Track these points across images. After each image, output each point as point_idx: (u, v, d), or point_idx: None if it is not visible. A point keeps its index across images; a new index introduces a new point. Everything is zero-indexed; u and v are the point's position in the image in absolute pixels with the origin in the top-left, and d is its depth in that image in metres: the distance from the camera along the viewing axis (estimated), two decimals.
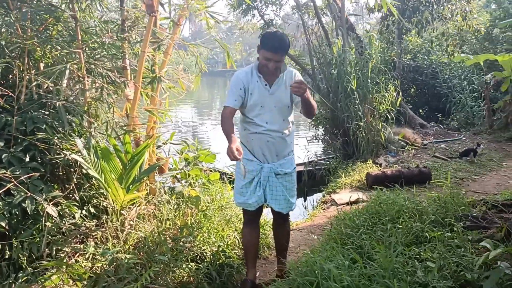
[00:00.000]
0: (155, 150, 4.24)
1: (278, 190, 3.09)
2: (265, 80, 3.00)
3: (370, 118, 7.45)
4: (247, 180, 3.06)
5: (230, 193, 4.48)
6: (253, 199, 3.06)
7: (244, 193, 3.08)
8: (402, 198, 3.81)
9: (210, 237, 3.47)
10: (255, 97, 2.98)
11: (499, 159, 7.84)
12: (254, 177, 3.06)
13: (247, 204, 3.10)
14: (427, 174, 6.25)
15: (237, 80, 2.99)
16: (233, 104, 2.93)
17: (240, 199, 3.12)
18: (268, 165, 3.07)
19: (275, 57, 2.87)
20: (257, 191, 3.06)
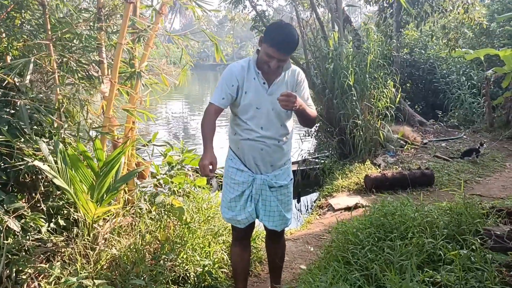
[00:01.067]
0: (134, 153, 3.81)
1: (272, 205, 2.66)
2: (264, 78, 2.54)
3: (368, 115, 7.06)
4: (236, 193, 2.64)
5: (217, 199, 4.07)
6: (243, 215, 2.64)
7: (233, 208, 2.66)
8: (410, 210, 3.41)
9: (194, 255, 3.05)
10: (250, 96, 2.53)
11: (502, 159, 7.51)
12: (245, 189, 2.63)
13: (236, 220, 2.67)
14: (430, 177, 5.89)
15: (230, 75, 2.52)
16: (219, 102, 2.49)
17: (228, 214, 2.69)
18: (261, 176, 2.63)
19: (279, 56, 2.38)
20: (248, 206, 2.64)
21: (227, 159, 2.72)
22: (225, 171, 2.71)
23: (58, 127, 3.50)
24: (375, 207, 3.74)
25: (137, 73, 3.49)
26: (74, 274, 2.75)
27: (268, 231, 2.85)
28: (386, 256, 2.86)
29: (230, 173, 2.66)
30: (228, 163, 2.69)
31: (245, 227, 2.70)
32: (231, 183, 2.65)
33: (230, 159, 2.68)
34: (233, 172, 2.64)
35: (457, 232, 3.14)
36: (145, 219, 3.30)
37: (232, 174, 2.64)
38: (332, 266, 2.95)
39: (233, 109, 2.61)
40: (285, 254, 3.05)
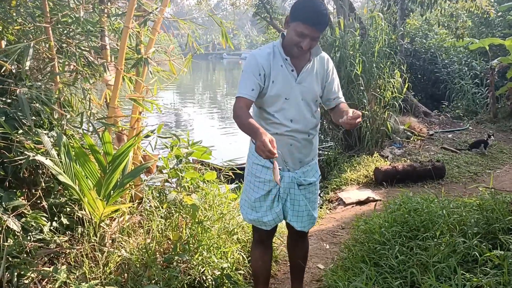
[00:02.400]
0: (140, 146, 3.57)
1: (301, 204, 2.43)
2: (292, 65, 2.30)
3: (374, 106, 6.85)
4: (262, 192, 2.40)
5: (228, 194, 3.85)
6: (270, 216, 2.41)
7: (258, 208, 2.42)
8: (436, 206, 3.22)
9: (210, 256, 2.83)
10: (278, 86, 2.28)
11: (509, 150, 7.37)
12: (271, 188, 2.39)
13: (261, 222, 2.43)
14: (441, 169, 5.72)
15: (256, 63, 2.26)
16: (249, 94, 2.21)
17: (252, 215, 2.45)
18: (290, 173, 2.40)
19: (312, 32, 2.13)
20: (276, 206, 2.41)
21: (250, 155, 2.48)
22: (248, 168, 2.47)
23: (59, 118, 3.24)
24: (397, 203, 3.55)
25: (144, 59, 3.23)
26: (82, 279, 2.53)
27: (292, 231, 2.63)
28: (418, 257, 2.67)
29: (255, 171, 2.42)
30: (251, 160, 2.45)
31: (271, 229, 2.48)
32: (255, 182, 2.42)
33: (254, 155, 2.43)
34: (258, 169, 2.40)
35: (488, 230, 2.96)
36: (155, 218, 3.07)
37: (257, 172, 2.41)
38: (359, 268, 2.76)
39: (257, 102, 2.34)
40: (308, 255, 2.85)
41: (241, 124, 2.13)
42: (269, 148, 1.90)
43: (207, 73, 46.22)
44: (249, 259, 3.18)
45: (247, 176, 2.49)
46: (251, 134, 2.07)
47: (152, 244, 2.82)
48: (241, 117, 2.13)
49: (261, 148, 1.92)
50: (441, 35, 12.53)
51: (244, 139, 11.58)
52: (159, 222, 3.05)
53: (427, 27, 12.56)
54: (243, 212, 2.52)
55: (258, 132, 1.98)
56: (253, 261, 2.64)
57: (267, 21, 12.89)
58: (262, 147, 1.91)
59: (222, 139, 10.91)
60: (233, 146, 9.75)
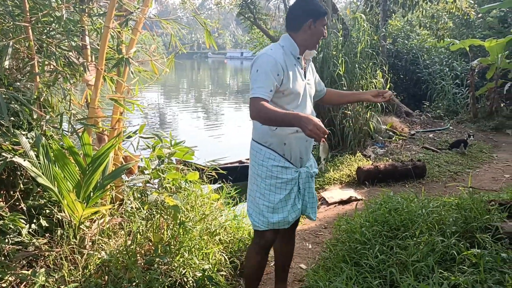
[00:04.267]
0: (121, 146, 3.54)
1: (315, 196, 2.56)
2: (300, 64, 2.42)
3: (357, 106, 6.91)
4: (285, 193, 2.40)
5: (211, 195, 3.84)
6: (294, 214, 2.44)
7: (283, 209, 2.41)
8: (416, 205, 3.27)
9: (192, 258, 2.82)
10: (295, 84, 2.34)
11: (489, 150, 7.52)
12: (292, 187, 2.42)
13: (286, 222, 2.43)
14: (422, 169, 5.80)
15: (275, 63, 2.26)
16: (268, 95, 2.20)
17: (275, 218, 2.41)
18: (304, 169, 2.47)
19: (327, 20, 2.43)
20: (298, 203, 2.45)
21: (265, 158, 2.42)
22: (265, 172, 2.42)
23: (38, 119, 3.19)
24: (378, 202, 3.60)
25: (125, 59, 3.20)
26: (61, 282, 2.50)
27: (283, 231, 2.62)
28: (398, 257, 2.71)
29: (276, 173, 2.40)
30: (268, 163, 2.41)
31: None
32: (277, 184, 2.40)
33: (271, 158, 2.41)
34: (279, 170, 2.40)
35: (466, 229, 3.02)
36: (136, 219, 3.05)
37: (278, 173, 2.40)
38: (339, 267, 2.78)
39: (276, 101, 2.32)
40: None
41: (274, 117, 2.11)
42: (324, 128, 1.95)
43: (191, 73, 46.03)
44: (231, 260, 3.18)
45: (264, 180, 2.42)
46: (294, 122, 2.03)
47: (132, 246, 2.80)
48: (271, 112, 2.11)
49: (315, 132, 1.93)
50: (422, 36, 12.69)
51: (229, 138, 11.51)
52: (140, 223, 3.03)
53: (409, 28, 12.71)
54: (260, 220, 2.44)
55: (303, 117, 1.99)
56: (250, 266, 2.61)
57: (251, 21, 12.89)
58: (317, 129, 1.92)
59: (207, 139, 10.90)
60: (218, 146, 9.75)
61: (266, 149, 2.42)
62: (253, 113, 2.19)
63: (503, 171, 6.37)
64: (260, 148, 2.44)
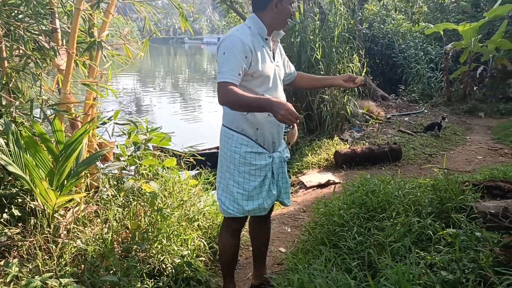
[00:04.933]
0: (95, 133, 3.45)
1: (288, 181, 2.55)
2: (269, 45, 2.35)
3: (334, 90, 6.93)
4: (259, 179, 2.36)
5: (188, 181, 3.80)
6: (269, 200, 2.42)
7: (258, 196, 2.38)
8: (393, 187, 3.30)
9: (170, 244, 2.79)
10: (264, 66, 2.26)
11: (462, 132, 7.67)
12: (267, 173, 2.38)
13: (262, 209, 2.40)
14: (397, 151, 5.88)
15: (242, 45, 2.17)
16: (236, 79, 2.13)
17: (250, 206, 2.37)
18: (277, 154, 2.44)
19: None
20: (273, 189, 2.42)
21: (237, 144, 2.35)
22: (238, 159, 2.36)
23: (7, 105, 3.08)
24: (356, 185, 3.62)
25: (97, 43, 3.10)
26: (35, 272, 2.43)
27: (257, 217, 2.61)
28: (375, 238, 2.74)
29: (250, 159, 2.34)
30: (241, 149, 2.35)
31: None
32: (251, 170, 2.35)
33: (243, 144, 2.35)
34: (252, 157, 2.34)
35: (442, 209, 3.07)
36: (112, 206, 2.99)
37: (252, 160, 2.34)
38: (318, 250, 2.80)
39: (246, 84, 2.24)
40: (270, 238, 2.86)
41: (244, 102, 2.05)
42: (296, 113, 1.92)
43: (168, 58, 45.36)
44: (210, 246, 3.17)
45: (238, 167, 2.36)
46: (265, 107, 1.99)
47: (109, 233, 2.75)
48: (240, 96, 2.05)
49: (288, 117, 1.91)
50: (398, 20, 12.79)
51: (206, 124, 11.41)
52: (116, 211, 2.98)
53: (385, 12, 12.78)
54: (235, 208, 2.40)
55: (274, 102, 1.95)
56: (228, 250, 2.61)
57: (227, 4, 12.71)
58: (289, 114, 1.90)
59: (184, 126, 10.79)
60: (195, 132, 9.66)
61: (238, 134, 2.35)
62: (221, 99, 2.12)
63: (476, 153, 6.52)
64: (232, 134, 2.37)
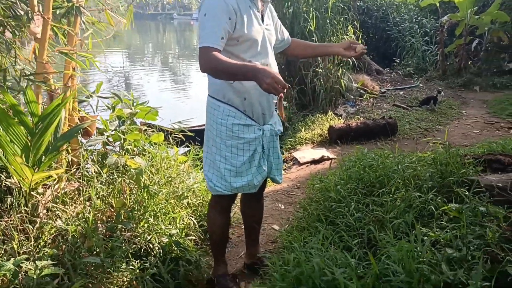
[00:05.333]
0: (76, 106, 3.24)
1: (280, 156, 2.37)
2: (257, 6, 2.12)
3: (328, 64, 6.72)
4: (248, 154, 2.18)
5: (177, 157, 3.63)
6: (260, 176, 2.23)
7: (247, 172, 2.20)
8: (391, 161, 3.15)
9: (157, 223, 2.63)
10: (251, 29, 2.04)
11: (458, 106, 7.54)
12: (256, 147, 2.19)
13: (251, 186, 2.22)
14: (393, 126, 5.72)
15: (225, 5, 1.96)
16: (219, 44, 1.93)
17: (239, 183, 2.20)
18: (268, 127, 2.24)
19: None
20: (263, 164, 2.24)
21: (223, 116, 2.16)
22: (224, 132, 2.17)
23: None
24: (352, 160, 3.47)
25: (75, 8, 2.86)
26: (12, 253, 2.26)
27: (248, 194, 2.44)
28: (375, 214, 2.59)
29: (237, 132, 2.15)
30: (227, 121, 2.16)
31: None
32: (239, 144, 2.16)
33: (230, 116, 2.15)
34: (240, 129, 2.15)
35: (443, 184, 2.93)
36: (94, 183, 2.80)
37: (240, 133, 2.15)
38: (314, 227, 2.65)
39: (231, 49, 2.04)
40: (263, 216, 2.71)
41: (227, 70, 1.87)
42: (283, 81, 1.75)
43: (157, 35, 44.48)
44: (200, 224, 3.01)
45: (225, 141, 2.18)
46: (249, 75, 1.81)
47: (91, 212, 2.57)
48: (224, 63, 1.86)
49: (274, 86, 1.73)
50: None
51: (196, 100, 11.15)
52: (100, 188, 2.79)
53: None
54: (222, 185, 2.22)
55: (259, 69, 1.77)
56: (215, 230, 2.46)
57: None
58: (275, 83, 1.72)
59: (174, 102, 10.54)
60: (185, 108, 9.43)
61: (225, 105, 2.15)
62: (203, 66, 1.93)
63: (472, 127, 6.40)
64: (217, 104, 2.17)
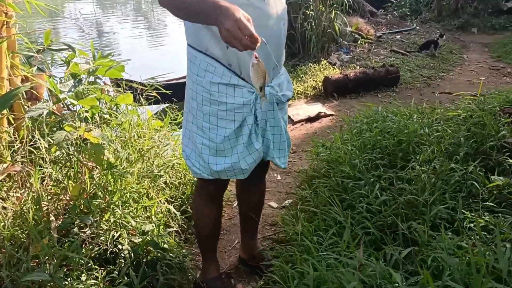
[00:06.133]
0: (18, 63, 2.53)
1: (283, 132, 1.66)
2: None
3: (320, 5, 5.96)
4: (232, 126, 1.54)
5: (150, 122, 3.00)
6: (250, 158, 1.59)
7: (230, 151, 1.57)
8: (416, 124, 2.57)
9: (127, 216, 2.03)
10: None
11: (458, 51, 6.97)
12: (245, 117, 1.55)
13: (237, 170, 1.60)
14: (395, 75, 5.12)
15: None
16: None
17: (220, 164, 1.58)
18: (267, 89, 1.53)
19: None
20: (255, 141, 1.58)
21: (200, 70, 1.53)
22: (201, 93, 1.54)
23: None
24: (364, 121, 2.88)
25: None
26: None
27: None
28: (405, 197, 2.02)
29: (216, 95, 1.52)
30: (204, 78, 1.52)
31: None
32: (219, 112, 1.53)
33: (208, 71, 1.51)
34: (221, 91, 1.51)
35: (478, 150, 2.39)
36: (43, 165, 2.17)
37: (220, 96, 1.52)
38: (326, 213, 2.08)
39: None
40: (264, 199, 2.11)
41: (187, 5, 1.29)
42: (250, 29, 1.12)
43: None
44: (182, 210, 2.43)
45: (201, 106, 1.56)
46: (209, 14, 1.19)
47: (31, 207, 1.95)
48: None
49: (235, 34, 1.11)
50: None
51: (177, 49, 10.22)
52: (49, 171, 2.16)
53: None
54: (201, 166, 1.62)
55: (221, 6, 1.15)
56: (202, 222, 1.86)
57: None
58: (237, 30, 1.11)
59: (151, 53, 9.58)
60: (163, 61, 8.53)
61: (202, 55, 1.51)
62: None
63: (477, 73, 5.86)
64: (194, 55, 1.54)
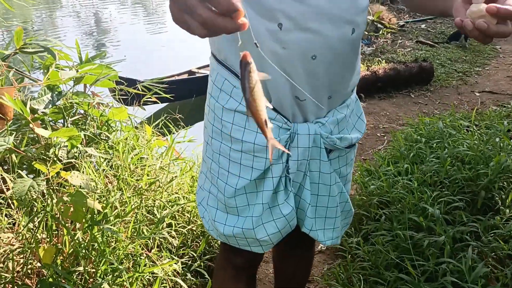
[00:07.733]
0: None
1: (332, 193, 1.04)
2: None
3: None
4: (250, 174, 0.97)
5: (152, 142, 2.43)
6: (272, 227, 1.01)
7: (243, 211, 1.00)
8: (501, 151, 1.97)
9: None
10: None
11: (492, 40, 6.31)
12: (270, 166, 0.97)
13: (252, 240, 1.02)
14: (429, 71, 4.51)
15: None
16: None
17: (229, 227, 1.02)
18: (309, 126, 0.97)
19: None
20: (283, 204, 1.00)
21: (214, 89, 1.00)
22: (211, 122, 1.02)
23: None
24: (422, 141, 2.29)
25: None
26: None
27: None
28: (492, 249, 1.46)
29: (231, 127, 0.98)
30: (218, 101, 0.99)
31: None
32: (232, 152, 1.00)
33: (224, 91, 0.98)
34: (237, 122, 0.97)
35: None
36: (11, 212, 1.59)
37: (235, 130, 0.98)
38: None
39: None
40: (309, 276, 1.53)
41: None
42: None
43: None
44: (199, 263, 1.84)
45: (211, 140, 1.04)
46: None
47: None
48: None
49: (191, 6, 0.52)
50: None
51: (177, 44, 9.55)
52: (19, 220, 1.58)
53: None
54: (210, 224, 1.09)
55: None
56: None
57: None
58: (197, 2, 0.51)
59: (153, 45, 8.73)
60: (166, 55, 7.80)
61: (221, 68, 0.97)
62: None
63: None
64: (212, 67, 1.01)
